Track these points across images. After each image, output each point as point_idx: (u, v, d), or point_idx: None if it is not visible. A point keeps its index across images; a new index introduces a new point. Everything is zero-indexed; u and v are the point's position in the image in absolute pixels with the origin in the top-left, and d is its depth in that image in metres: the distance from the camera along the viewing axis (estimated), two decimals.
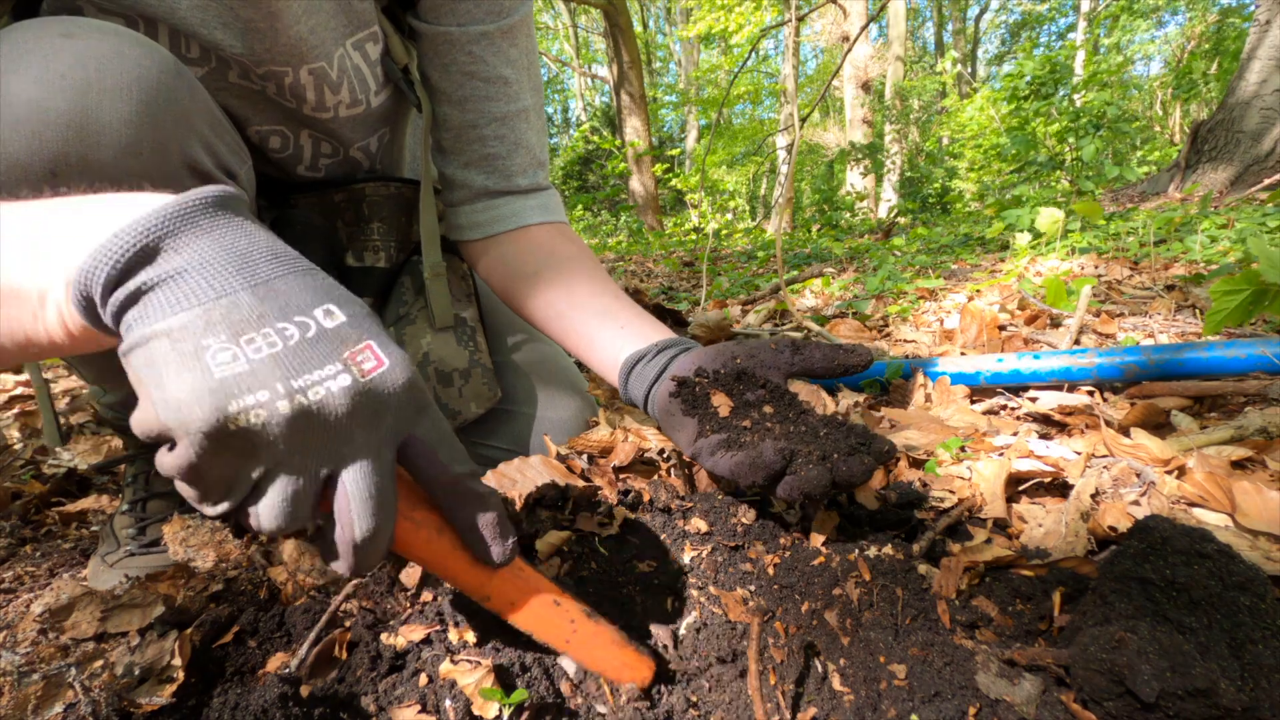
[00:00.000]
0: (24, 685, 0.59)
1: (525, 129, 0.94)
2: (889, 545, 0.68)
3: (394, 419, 0.42)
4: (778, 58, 16.23)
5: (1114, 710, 0.47)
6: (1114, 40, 13.42)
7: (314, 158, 0.92)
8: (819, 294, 2.91)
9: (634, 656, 0.55)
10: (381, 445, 0.41)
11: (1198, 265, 2.24)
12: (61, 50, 0.56)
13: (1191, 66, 6.59)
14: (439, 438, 0.45)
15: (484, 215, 0.96)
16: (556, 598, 0.53)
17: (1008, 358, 1.20)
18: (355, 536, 0.41)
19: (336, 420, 0.38)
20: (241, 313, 0.37)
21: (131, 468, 0.91)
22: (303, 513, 0.40)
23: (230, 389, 0.36)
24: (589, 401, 1.11)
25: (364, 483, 0.40)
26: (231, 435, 0.36)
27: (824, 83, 8.10)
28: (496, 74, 0.89)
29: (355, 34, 0.83)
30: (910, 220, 7.70)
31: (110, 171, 0.58)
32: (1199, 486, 0.75)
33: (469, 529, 0.47)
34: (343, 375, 0.38)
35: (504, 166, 0.94)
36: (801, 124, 3.07)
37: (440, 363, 0.95)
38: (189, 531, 0.82)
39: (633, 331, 0.82)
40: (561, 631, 0.52)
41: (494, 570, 0.49)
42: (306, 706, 0.50)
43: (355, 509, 0.40)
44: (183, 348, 0.36)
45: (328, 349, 0.39)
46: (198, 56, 0.76)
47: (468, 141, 0.93)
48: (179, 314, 0.36)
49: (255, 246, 0.40)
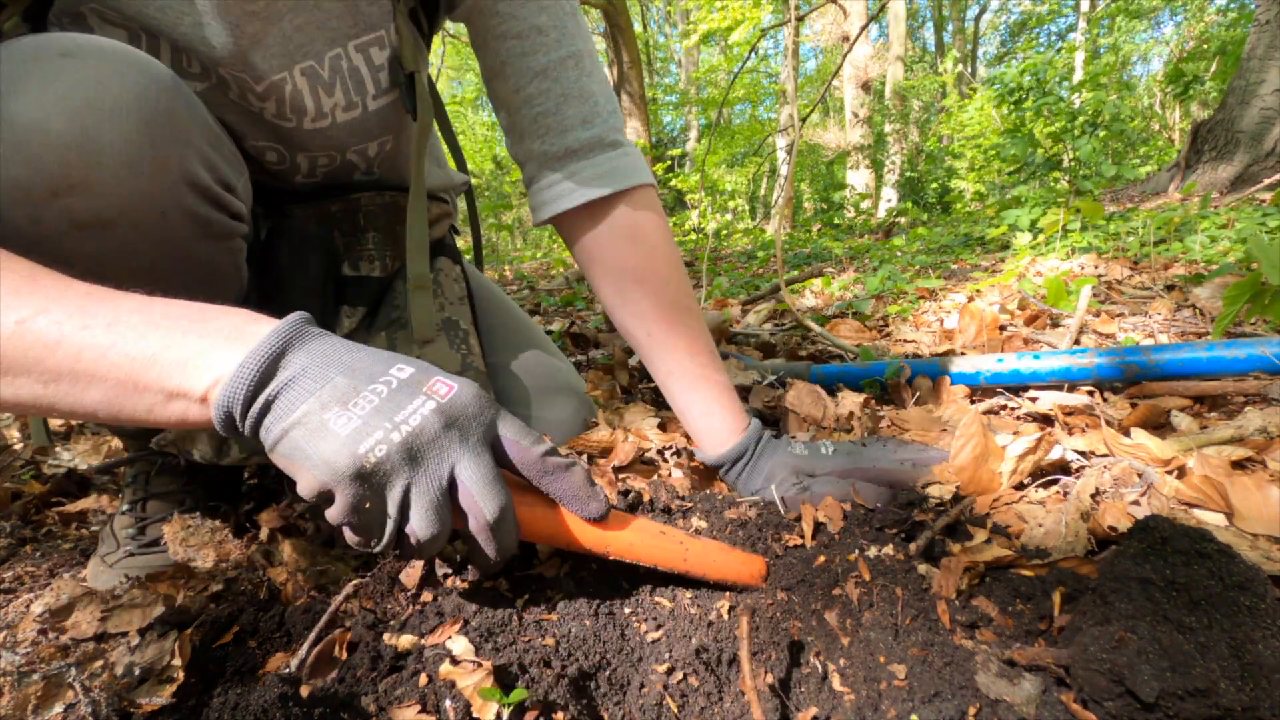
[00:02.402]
0: (24, 685, 0.59)
1: (578, 75, 0.83)
2: (889, 545, 0.68)
3: (477, 424, 0.52)
4: (777, 58, 16.24)
5: (1114, 710, 0.47)
6: (1112, 41, 13.42)
7: (311, 169, 0.90)
8: (819, 294, 2.91)
9: (744, 555, 0.65)
10: (478, 444, 0.51)
11: (1198, 265, 2.24)
12: (61, 70, 0.57)
13: (1181, 70, 6.57)
14: (518, 429, 0.55)
15: (545, 193, 0.87)
16: (661, 529, 0.62)
17: (1008, 358, 1.20)
18: (487, 517, 0.50)
19: (436, 434, 0.49)
20: (341, 390, 0.48)
21: (131, 468, 0.91)
22: (445, 515, 0.50)
23: (355, 439, 0.47)
24: (586, 402, 1.11)
25: (476, 473, 0.50)
26: (369, 472, 0.47)
27: (824, 83, 8.10)
28: (529, 25, 0.81)
29: (360, 36, 0.81)
30: (910, 220, 7.70)
31: (111, 191, 0.58)
32: (1199, 486, 0.75)
33: (566, 495, 0.57)
34: (428, 403, 0.50)
35: (555, 123, 0.84)
36: (801, 124, 3.07)
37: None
38: (189, 531, 0.82)
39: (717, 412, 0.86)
40: (678, 555, 0.61)
41: (603, 524, 0.58)
42: (306, 706, 0.50)
43: (477, 494, 0.50)
44: (312, 426, 0.47)
45: (410, 390, 0.50)
46: (199, 72, 0.75)
47: (516, 110, 0.85)
48: (300, 407, 0.47)
49: (334, 346, 0.51)
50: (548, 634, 0.59)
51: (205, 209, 0.67)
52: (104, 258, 0.61)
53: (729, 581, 0.63)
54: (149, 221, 0.62)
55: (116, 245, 0.61)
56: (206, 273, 0.72)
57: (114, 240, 0.61)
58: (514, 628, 0.59)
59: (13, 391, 0.47)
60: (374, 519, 0.48)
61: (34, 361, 0.46)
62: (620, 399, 1.30)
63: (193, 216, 0.66)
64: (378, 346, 0.81)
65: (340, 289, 0.95)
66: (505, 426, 0.54)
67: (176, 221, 0.65)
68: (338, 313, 0.93)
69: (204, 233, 0.68)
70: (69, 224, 0.58)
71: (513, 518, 0.53)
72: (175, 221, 0.64)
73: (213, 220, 0.69)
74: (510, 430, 0.54)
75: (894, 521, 0.71)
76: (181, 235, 0.66)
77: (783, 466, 0.81)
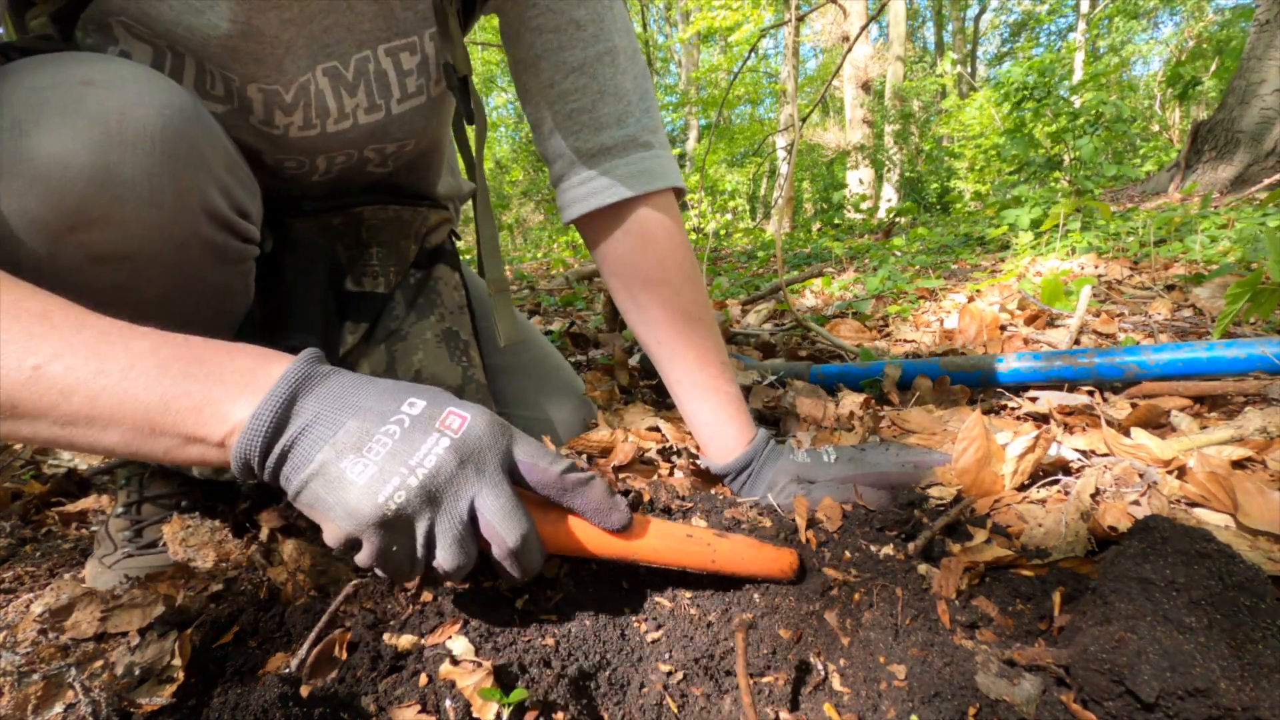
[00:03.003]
0: (24, 685, 0.59)
1: (613, 73, 0.80)
2: (889, 545, 0.68)
3: (492, 454, 0.52)
4: (777, 57, 16.24)
5: (1114, 710, 0.47)
6: (1112, 42, 13.41)
7: (328, 167, 0.89)
8: (819, 294, 2.92)
9: (775, 551, 0.64)
10: (496, 473, 0.51)
11: (1198, 265, 2.24)
12: (82, 100, 0.56)
13: (1179, 72, 6.57)
14: (534, 451, 0.55)
15: (575, 190, 0.84)
16: (688, 531, 0.62)
17: (1008, 358, 1.20)
18: (509, 545, 0.51)
19: (452, 472, 0.49)
20: (355, 435, 0.48)
21: (125, 470, 0.91)
22: (470, 547, 0.51)
23: (374, 487, 0.47)
24: (586, 403, 1.11)
25: (494, 503, 0.51)
26: (391, 519, 0.47)
27: (824, 83, 8.09)
28: (567, 19, 0.78)
29: (391, 41, 0.80)
30: (910, 220, 7.69)
31: (131, 225, 0.58)
32: (1199, 486, 0.75)
33: (588, 510, 0.57)
34: (442, 440, 0.50)
35: (590, 120, 0.81)
36: (801, 124, 3.07)
37: (433, 380, 0.93)
38: (189, 531, 0.82)
39: (724, 421, 0.85)
40: (705, 555, 0.61)
41: (627, 534, 0.58)
42: (306, 706, 0.50)
43: (498, 525, 0.50)
44: (330, 477, 0.47)
45: (424, 428, 0.50)
46: (221, 95, 0.75)
47: (548, 105, 0.82)
48: (317, 456, 0.48)
49: (344, 385, 0.51)
50: (548, 634, 0.59)
51: (222, 237, 0.67)
52: (120, 287, 0.61)
53: (760, 576, 0.63)
54: (166, 253, 0.62)
55: (133, 275, 0.61)
56: (217, 294, 0.72)
57: (130, 271, 0.61)
58: (514, 628, 0.59)
59: (32, 431, 0.47)
60: (402, 559, 0.50)
61: (50, 406, 0.46)
62: (620, 399, 1.30)
63: (210, 245, 0.66)
64: (377, 359, 0.80)
65: (343, 304, 0.94)
66: (521, 449, 0.54)
67: (194, 251, 0.64)
68: (341, 329, 0.92)
69: (219, 259, 0.68)
70: (86, 257, 0.57)
71: (536, 540, 0.53)
72: (193, 251, 0.64)
73: (229, 247, 0.69)
74: (526, 453, 0.54)
75: (894, 522, 0.71)
76: (198, 263, 0.66)
77: (784, 474, 0.81)
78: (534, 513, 0.54)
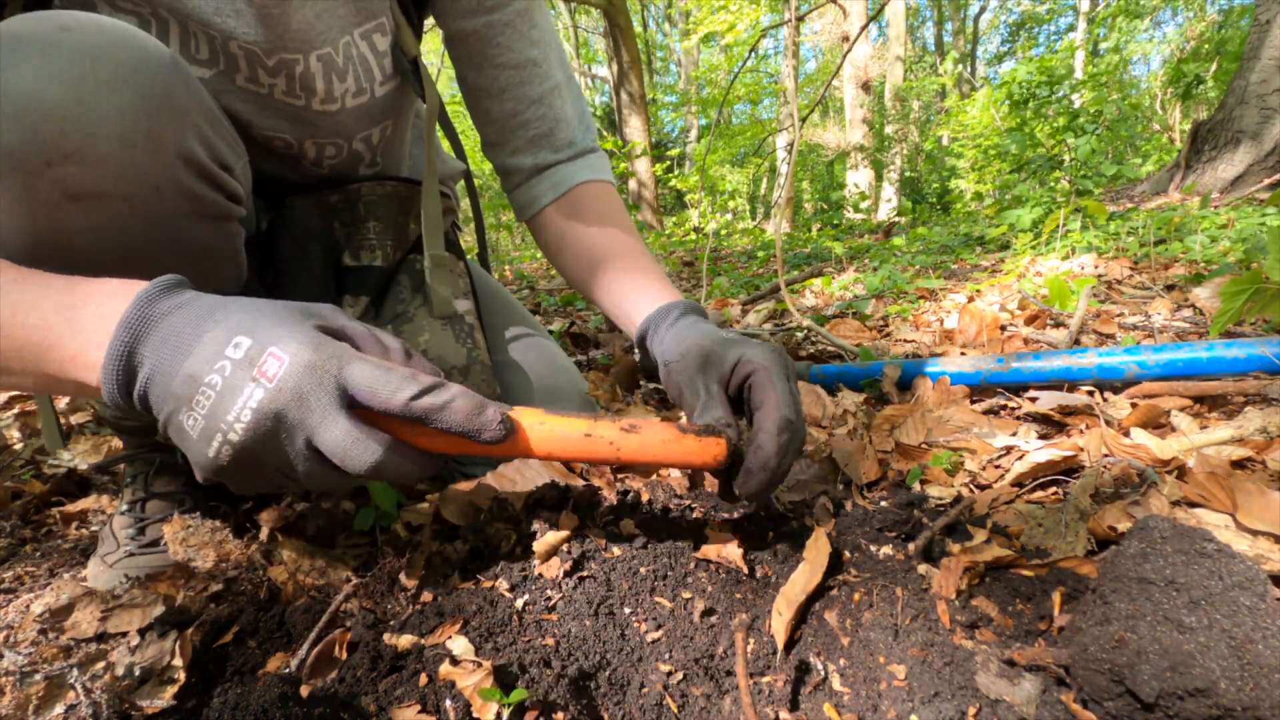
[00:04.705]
0: (26, 685, 0.59)
1: (561, 103, 0.97)
2: (889, 545, 0.68)
3: (317, 391, 0.49)
4: (777, 57, 16.23)
5: (1114, 710, 0.47)
6: (1113, 42, 13.40)
7: (318, 158, 0.92)
8: (819, 294, 2.92)
9: (697, 441, 0.59)
10: (326, 410, 0.49)
11: (1198, 265, 2.24)
12: (58, 43, 0.57)
13: (1182, 71, 6.56)
14: (373, 378, 0.50)
15: (536, 189, 1.00)
16: (586, 430, 0.57)
17: (1008, 358, 1.20)
18: (362, 473, 0.50)
19: (272, 422, 0.48)
20: (186, 386, 0.48)
21: (130, 468, 0.91)
22: (328, 476, 0.51)
23: (202, 443, 0.49)
24: (588, 403, 1.11)
25: (330, 439, 0.49)
26: (229, 466, 0.49)
27: (824, 83, 8.10)
28: (525, 58, 0.93)
29: (363, 24, 0.85)
30: (910, 220, 7.69)
31: (105, 162, 0.58)
32: (1199, 486, 0.75)
33: (452, 430, 0.53)
34: (255, 391, 0.48)
35: (549, 143, 0.98)
36: (801, 124, 3.07)
37: (439, 360, 0.94)
38: (189, 531, 0.82)
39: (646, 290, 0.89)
40: (607, 453, 0.58)
41: (511, 442, 0.55)
42: (306, 706, 0.50)
43: (339, 459, 0.50)
44: (176, 426, 0.50)
45: (240, 378, 0.48)
46: (206, 58, 0.76)
47: (512, 130, 0.97)
48: (164, 408, 0.49)
49: (182, 321, 0.50)
50: (548, 634, 0.59)
51: (201, 187, 0.67)
52: (98, 234, 0.61)
53: (682, 465, 0.60)
54: (142, 196, 0.62)
55: (109, 220, 0.61)
56: (202, 255, 0.71)
57: (106, 214, 0.61)
58: (514, 628, 0.59)
59: None
60: (266, 487, 0.53)
61: None
62: (621, 399, 1.30)
63: (187, 194, 0.66)
64: None
65: (341, 279, 0.96)
66: (356, 378, 0.50)
67: (171, 198, 0.64)
68: (339, 303, 0.94)
69: (199, 211, 0.68)
70: (62, 194, 0.58)
71: (394, 461, 0.51)
72: (169, 198, 0.64)
73: (208, 199, 0.68)
74: (363, 382, 0.50)
75: (894, 522, 0.71)
76: (175, 212, 0.66)
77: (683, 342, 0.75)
78: (405, 426, 0.53)
